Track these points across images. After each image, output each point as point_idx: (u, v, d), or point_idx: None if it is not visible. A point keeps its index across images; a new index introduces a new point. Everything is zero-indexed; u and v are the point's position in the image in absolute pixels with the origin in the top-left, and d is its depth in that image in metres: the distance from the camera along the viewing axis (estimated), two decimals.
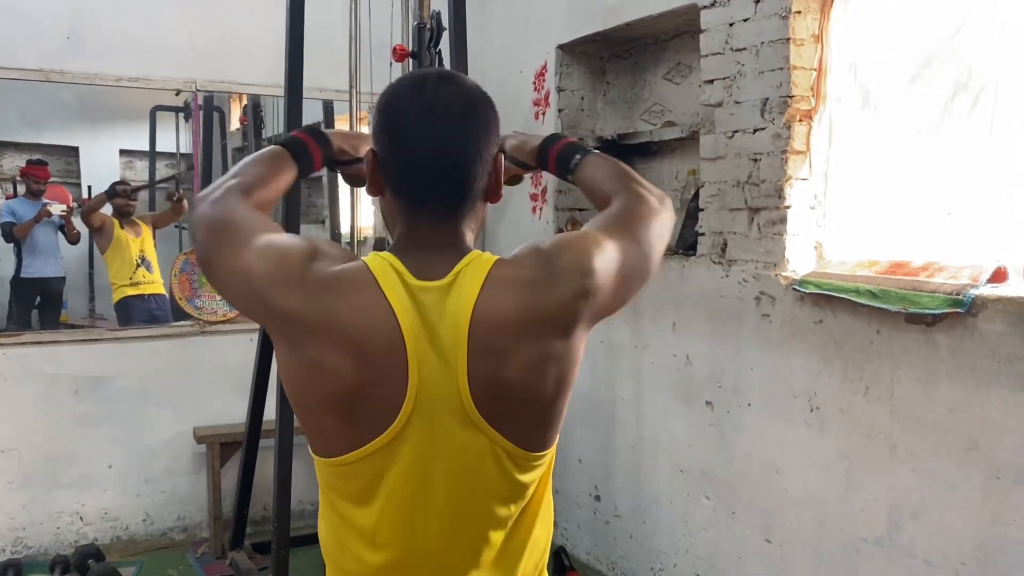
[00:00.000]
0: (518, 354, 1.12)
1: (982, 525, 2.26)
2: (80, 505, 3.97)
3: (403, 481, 1.15)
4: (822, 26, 2.79)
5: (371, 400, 1.11)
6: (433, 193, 1.18)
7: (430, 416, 1.12)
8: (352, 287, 1.12)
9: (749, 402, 2.99)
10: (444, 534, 1.18)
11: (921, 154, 2.55)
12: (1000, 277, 2.28)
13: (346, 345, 1.09)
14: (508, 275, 1.15)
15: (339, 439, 1.15)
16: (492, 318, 1.11)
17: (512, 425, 1.15)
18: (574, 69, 3.98)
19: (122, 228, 4.47)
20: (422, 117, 1.16)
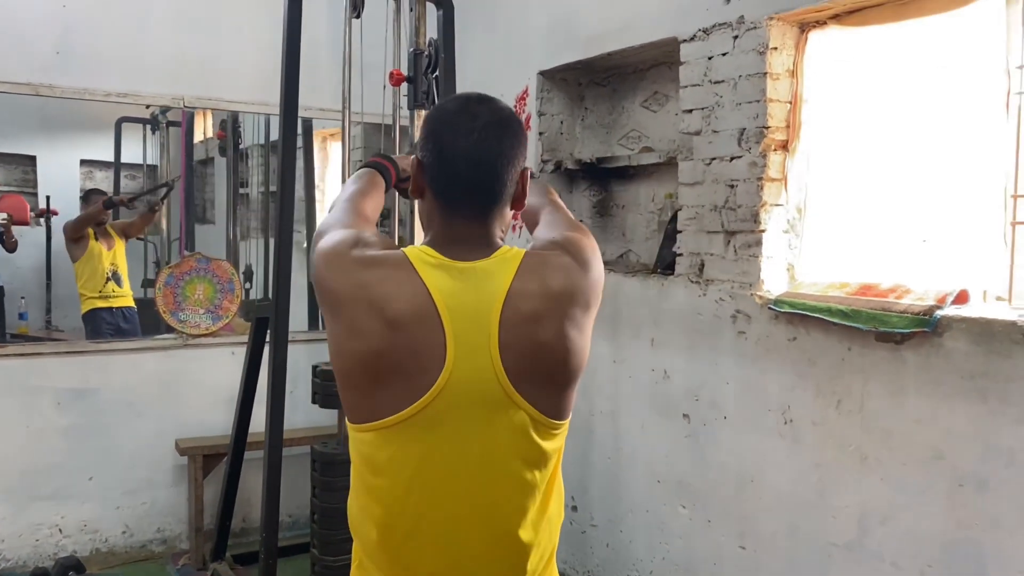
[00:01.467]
0: (550, 321, 1.31)
1: (946, 529, 2.44)
2: (59, 517, 3.98)
3: (438, 446, 1.30)
4: (796, 62, 2.98)
5: (407, 366, 1.27)
6: (469, 194, 1.37)
7: (466, 385, 1.28)
8: (384, 264, 1.31)
9: (725, 415, 3.15)
10: (476, 497, 1.32)
11: (889, 183, 2.74)
12: (963, 299, 2.47)
13: (375, 310, 1.27)
14: (540, 259, 1.37)
15: (379, 403, 1.29)
16: (527, 291, 1.31)
17: (538, 393, 1.32)
18: (554, 94, 4.13)
19: (97, 239, 4.48)
20: (463, 129, 1.35)
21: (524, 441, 1.32)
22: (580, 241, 1.44)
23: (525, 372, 1.30)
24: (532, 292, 1.31)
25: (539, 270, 1.34)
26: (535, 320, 1.30)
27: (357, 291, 1.28)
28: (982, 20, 2.46)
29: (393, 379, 1.27)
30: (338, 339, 1.31)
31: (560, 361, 1.33)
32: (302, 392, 4.28)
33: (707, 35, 3.16)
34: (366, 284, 1.29)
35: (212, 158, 5.32)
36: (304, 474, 3.85)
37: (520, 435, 1.32)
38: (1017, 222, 2.43)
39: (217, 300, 4.28)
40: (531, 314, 1.30)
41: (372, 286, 1.28)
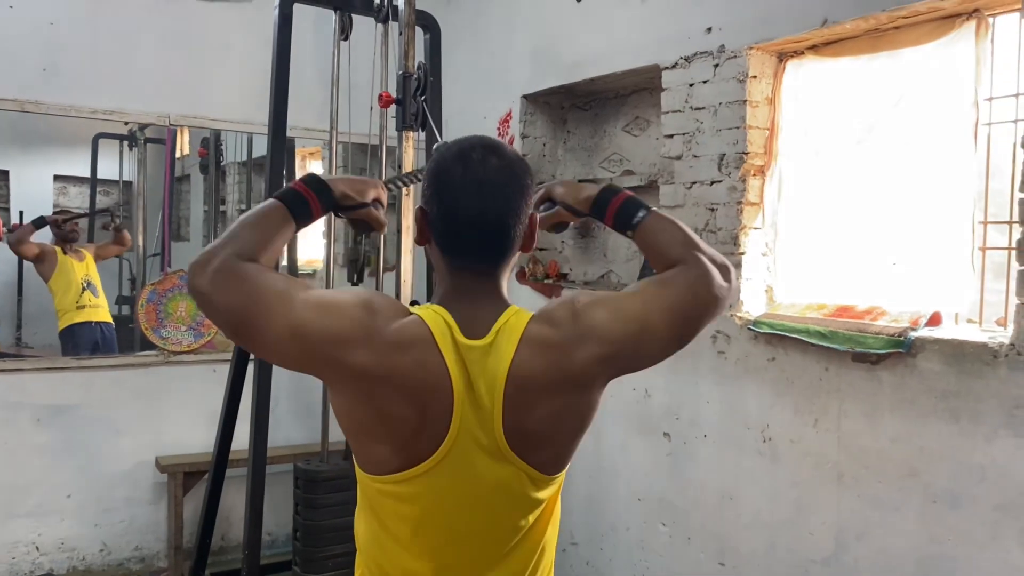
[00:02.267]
0: (542, 407, 1.30)
1: (920, 545, 2.51)
2: (37, 535, 3.95)
3: (440, 500, 1.32)
4: (775, 90, 3.08)
5: (421, 437, 1.28)
6: (477, 253, 1.35)
7: (467, 449, 1.30)
8: (413, 344, 1.25)
9: (705, 433, 3.21)
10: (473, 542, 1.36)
11: (863, 208, 2.83)
12: (936, 321, 2.55)
13: (411, 398, 1.25)
14: (539, 336, 1.30)
15: (389, 462, 1.31)
16: (523, 376, 1.28)
17: (536, 458, 1.33)
18: (537, 117, 4.21)
19: (65, 254, 4.47)
20: (467, 188, 1.31)
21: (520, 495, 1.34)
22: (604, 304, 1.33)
23: (523, 442, 1.31)
24: (528, 374, 1.28)
25: (537, 349, 1.29)
26: (526, 407, 1.29)
27: (393, 377, 1.24)
28: (953, 54, 2.56)
29: (408, 448, 1.29)
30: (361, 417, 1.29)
31: (551, 441, 1.34)
32: (284, 410, 4.30)
33: (688, 63, 3.25)
34: (402, 371, 1.24)
35: (188, 175, 5.33)
36: (285, 492, 3.86)
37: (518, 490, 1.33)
38: (986, 247, 2.52)
39: (199, 317, 4.29)
40: (522, 402, 1.29)
41: (409, 373, 1.25)
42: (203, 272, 1.22)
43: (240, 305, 1.22)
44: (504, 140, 4.51)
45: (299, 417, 4.41)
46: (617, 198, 1.49)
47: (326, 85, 3.61)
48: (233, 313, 1.23)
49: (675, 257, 1.40)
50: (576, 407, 1.33)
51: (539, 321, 1.33)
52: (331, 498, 3.41)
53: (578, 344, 1.29)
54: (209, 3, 4.24)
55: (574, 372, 1.30)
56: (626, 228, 1.48)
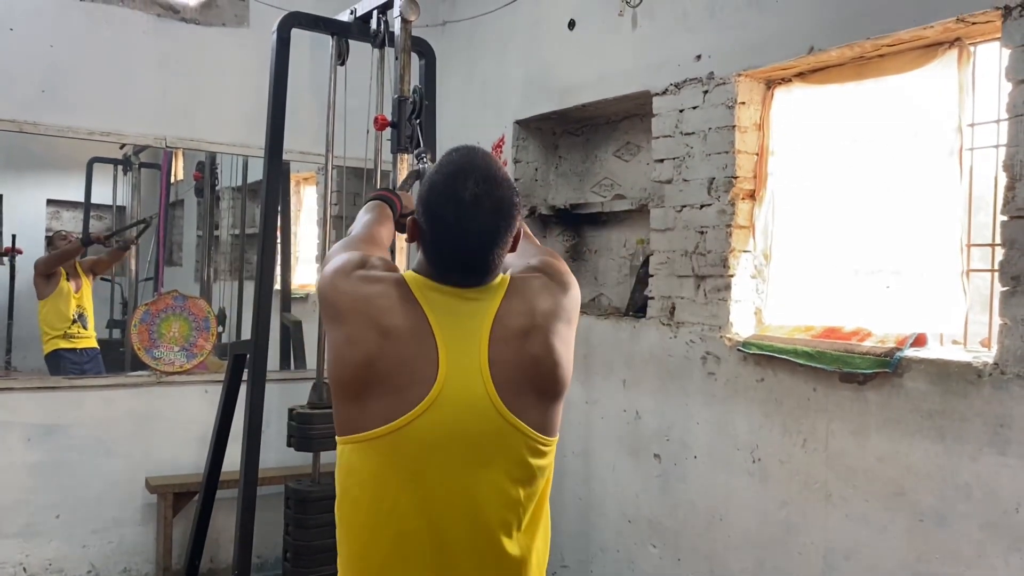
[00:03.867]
0: (538, 334, 1.40)
1: (908, 563, 2.53)
2: (24, 556, 3.92)
3: (425, 460, 1.35)
4: (763, 116, 3.14)
5: (399, 377, 1.34)
6: (462, 272, 1.44)
7: (456, 400, 1.35)
8: (383, 281, 1.42)
9: (695, 454, 3.23)
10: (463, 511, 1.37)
11: (851, 231, 2.88)
12: (921, 342, 2.60)
13: (372, 322, 1.36)
14: (524, 283, 1.47)
15: (369, 415, 1.35)
16: (514, 310, 1.41)
17: (527, 407, 1.39)
18: (529, 142, 4.27)
19: (67, 279, 4.48)
20: (457, 226, 1.40)
21: (512, 457, 1.38)
22: (555, 264, 1.55)
23: (514, 386, 1.37)
24: (519, 311, 1.41)
25: (524, 291, 1.44)
26: (524, 335, 1.39)
27: (357, 303, 1.38)
28: (936, 81, 2.63)
29: (383, 390, 1.34)
30: (337, 348, 1.38)
31: (549, 372, 1.40)
32: (274, 432, 4.29)
33: (678, 89, 3.31)
34: (366, 297, 1.38)
35: (182, 200, 5.36)
36: (275, 514, 3.85)
37: (508, 450, 1.37)
38: (971, 270, 2.57)
39: (192, 338, 4.30)
40: (519, 330, 1.39)
41: (371, 299, 1.38)
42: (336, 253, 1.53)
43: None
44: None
45: None
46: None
47: (322, 110, 3.66)
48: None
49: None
50: (563, 339, 1.44)
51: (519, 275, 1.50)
52: (322, 518, 3.40)
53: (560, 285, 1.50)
54: (207, 27, 4.30)
55: (563, 303, 1.47)
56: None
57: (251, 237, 4.93)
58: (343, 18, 3.48)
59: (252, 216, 5.05)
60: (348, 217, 5.16)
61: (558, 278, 1.51)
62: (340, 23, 3.47)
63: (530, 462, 1.39)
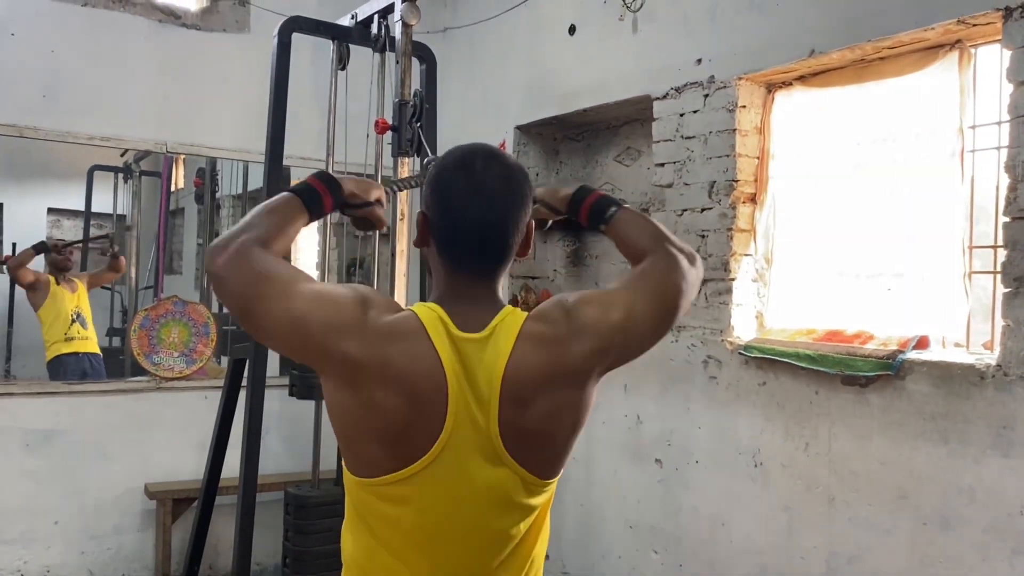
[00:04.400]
0: (541, 403, 1.31)
1: (911, 568, 2.51)
2: (22, 562, 3.90)
3: (433, 503, 1.32)
4: (764, 119, 3.14)
5: (414, 433, 1.28)
6: (475, 257, 1.37)
7: (462, 450, 1.30)
8: (405, 336, 1.28)
9: (697, 459, 3.22)
10: (465, 548, 1.35)
11: (853, 235, 2.87)
12: (924, 345, 2.59)
13: (400, 387, 1.26)
14: (536, 332, 1.32)
15: (381, 464, 1.31)
16: (521, 372, 1.29)
17: (532, 459, 1.34)
18: (530, 148, 4.27)
19: (58, 284, 4.48)
20: (469, 195, 1.34)
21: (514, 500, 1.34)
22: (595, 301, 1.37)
23: (520, 442, 1.32)
24: (524, 374, 1.30)
25: (533, 346, 1.32)
26: (526, 404, 1.30)
27: (382, 367, 1.26)
28: (937, 83, 2.63)
29: (397, 446, 1.30)
30: (351, 408, 1.30)
31: (549, 440, 1.35)
32: (274, 438, 4.29)
33: (679, 93, 3.31)
34: (390, 358, 1.26)
35: (183, 208, 5.36)
36: (275, 521, 3.83)
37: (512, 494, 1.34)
38: (973, 272, 2.56)
39: (192, 344, 4.29)
40: (522, 398, 1.30)
41: (397, 363, 1.26)
42: (220, 255, 1.28)
43: (248, 289, 1.27)
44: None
45: (290, 445, 4.39)
46: (591, 196, 1.56)
47: (323, 115, 3.66)
48: (241, 296, 1.28)
49: (644, 248, 1.46)
50: (573, 402, 1.34)
51: (535, 319, 1.35)
52: (322, 524, 3.38)
53: (574, 338, 1.32)
54: (208, 33, 4.31)
55: (572, 366, 1.32)
56: (599, 223, 1.54)
57: None
58: (344, 23, 3.48)
59: None
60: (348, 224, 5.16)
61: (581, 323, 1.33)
62: (341, 27, 3.47)
63: (530, 503, 1.37)
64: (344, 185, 1.47)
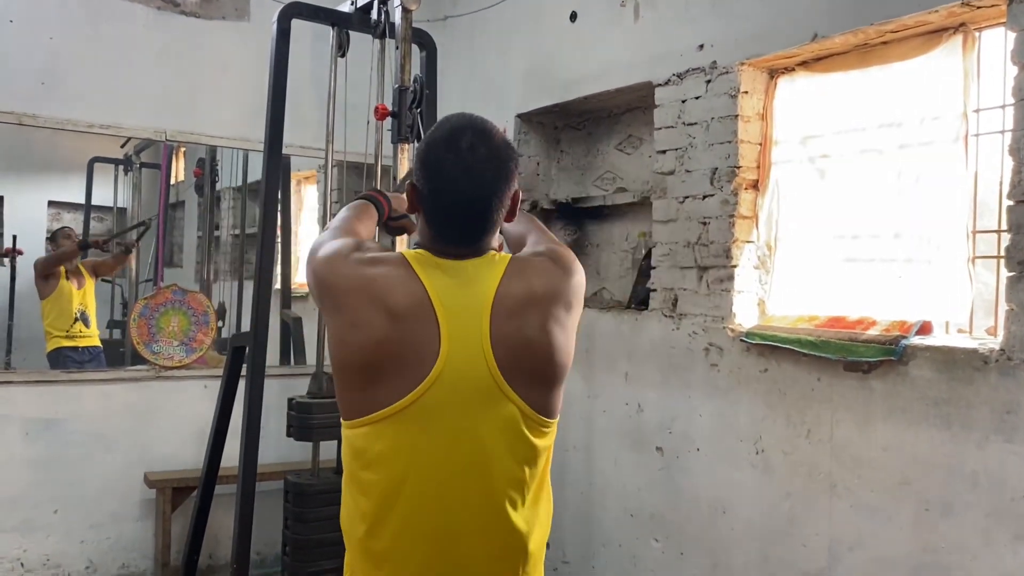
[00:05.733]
0: (534, 317, 1.38)
1: (913, 554, 2.50)
2: (22, 551, 3.89)
3: (430, 437, 1.34)
4: (766, 105, 3.12)
5: (404, 357, 1.33)
6: (462, 229, 1.44)
7: (458, 377, 1.34)
8: (383, 262, 1.40)
9: (698, 447, 3.20)
10: (468, 487, 1.36)
11: (856, 221, 2.85)
12: (927, 330, 2.57)
13: (377, 302, 1.35)
14: (524, 262, 1.46)
15: (375, 396, 1.34)
16: (513, 290, 1.39)
17: (527, 388, 1.37)
18: (531, 136, 4.25)
19: (68, 278, 4.46)
20: (456, 174, 1.40)
21: (514, 434, 1.37)
22: (561, 251, 1.52)
23: (514, 366, 1.35)
24: (518, 291, 1.38)
25: (524, 272, 1.42)
26: (521, 317, 1.37)
27: (359, 285, 1.36)
28: (941, 67, 2.61)
29: (390, 370, 1.32)
30: (340, 332, 1.36)
31: (546, 356, 1.39)
32: (273, 427, 4.26)
33: (681, 80, 3.29)
34: (368, 279, 1.36)
35: (183, 202, 5.34)
36: (274, 511, 3.82)
37: (510, 428, 1.36)
38: (975, 256, 2.55)
39: (191, 332, 4.28)
40: (518, 311, 1.37)
41: (374, 280, 1.36)
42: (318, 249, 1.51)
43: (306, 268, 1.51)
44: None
45: None
46: None
47: (322, 105, 3.64)
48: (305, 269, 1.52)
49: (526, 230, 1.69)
50: (561, 323, 1.41)
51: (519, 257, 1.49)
52: (321, 512, 3.37)
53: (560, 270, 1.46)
54: (207, 21, 4.29)
55: (560, 288, 1.44)
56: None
57: (251, 237, 4.90)
58: (344, 9, 3.46)
59: (252, 216, 5.03)
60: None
61: (561, 262, 1.48)
62: (340, 13, 3.45)
63: (532, 441, 1.39)
64: (392, 200, 1.79)
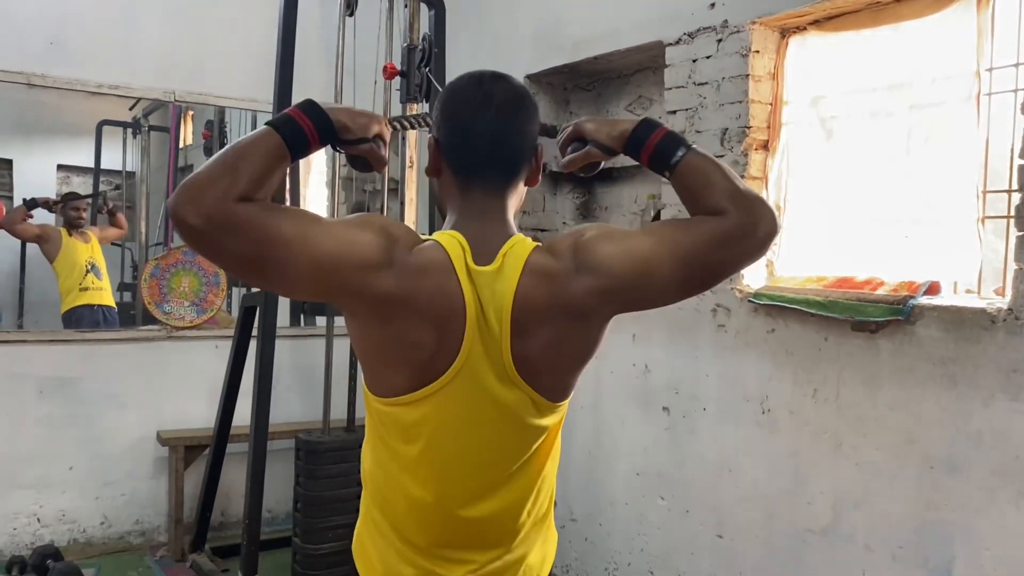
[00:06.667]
0: (542, 334, 1.32)
1: (917, 511, 2.53)
2: (38, 506, 3.97)
3: (447, 421, 1.35)
4: (777, 64, 3.10)
5: (436, 359, 1.31)
6: (487, 168, 1.38)
7: (476, 371, 1.33)
8: (436, 270, 1.27)
9: (704, 407, 3.23)
10: (477, 466, 1.39)
11: (866, 181, 2.85)
12: (935, 291, 2.57)
13: (430, 319, 1.27)
14: (539, 265, 1.31)
15: (402, 384, 1.33)
16: (525, 304, 1.30)
17: (540, 384, 1.36)
18: (540, 98, 4.23)
19: (71, 235, 4.49)
20: (479, 106, 1.36)
21: (525, 419, 1.37)
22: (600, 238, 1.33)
23: (528, 367, 1.34)
24: (527, 303, 1.31)
25: (536, 280, 1.31)
26: (528, 333, 1.32)
27: (415, 302, 1.26)
28: (955, 25, 2.59)
29: (422, 368, 1.32)
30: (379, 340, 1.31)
31: (552, 368, 1.36)
32: (285, 387, 4.32)
33: (692, 39, 3.27)
34: (424, 294, 1.27)
35: (192, 165, 5.35)
36: (285, 470, 3.88)
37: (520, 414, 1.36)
38: (985, 216, 2.54)
39: (202, 293, 4.31)
40: (524, 328, 1.32)
41: (430, 297, 1.27)
42: (195, 210, 1.14)
43: (252, 252, 1.18)
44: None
45: (301, 395, 4.43)
46: (655, 134, 1.37)
47: (331, 65, 3.64)
48: (244, 259, 1.20)
49: (713, 206, 1.30)
50: (574, 338, 1.35)
51: (541, 251, 1.35)
52: (332, 469, 3.43)
53: (575, 275, 1.31)
54: None
55: (571, 303, 1.31)
56: (663, 169, 1.36)
57: None
58: None
59: None
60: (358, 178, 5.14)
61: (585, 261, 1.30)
62: None
63: (541, 423, 1.39)
64: (335, 117, 1.29)
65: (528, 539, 1.47)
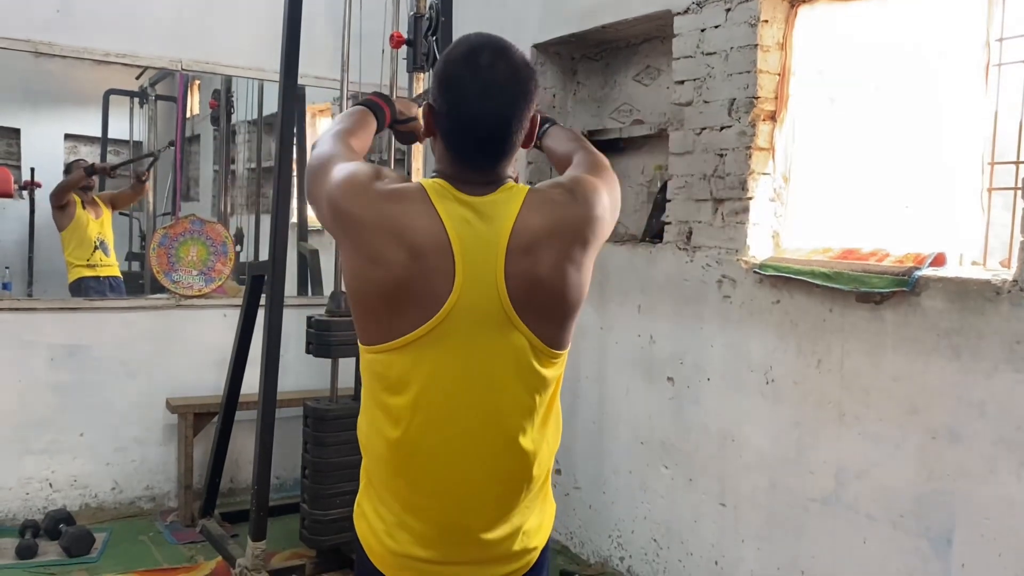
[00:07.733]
0: (548, 255, 1.38)
1: (919, 481, 2.55)
2: (50, 472, 4.02)
3: (445, 363, 1.37)
4: (786, 34, 3.08)
5: (421, 292, 1.35)
6: (482, 149, 1.42)
7: (472, 309, 1.36)
8: (406, 197, 1.37)
9: (708, 377, 3.25)
10: (480, 410, 1.40)
11: (873, 152, 2.84)
12: (940, 262, 2.58)
13: (400, 241, 1.34)
14: (542, 196, 1.42)
15: (392, 326, 1.37)
16: (529, 226, 1.37)
17: (538, 322, 1.39)
18: (548, 68, 4.21)
19: (84, 208, 4.50)
20: (474, 90, 1.38)
21: (524, 364, 1.39)
22: (586, 181, 1.47)
23: (526, 301, 1.37)
24: (532, 228, 1.37)
25: (540, 207, 1.39)
26: (534, 254, 1.36)
27: (382, 222, 1.34)
28: None
29: (406, 304, 1.35)
30: (358, 266, 1.37)
31: (558, 295, 1.39)
32: (292, 356, 4.35)
33: (700, 8, 3.25)
34: (390, 216, 1.34)
35: (199, 135, 5.34)
36: (292, 436, 3.93)
37: (520, 358, 1.39)
38: (992, 188, 2.54)
39: (210, 262, 4.33)
40: (531, 248, 1.36)
41: (396, 218, 1.34)
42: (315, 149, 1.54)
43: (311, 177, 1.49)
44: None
45: (309, 363, 4.43)
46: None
47: (338, 34, 3.63)
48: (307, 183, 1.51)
49: (570, 150, 1.69)
50: (575, 261, 1.40)
51: (539, 188, 1.45)
52: (339, 436, 3.47)
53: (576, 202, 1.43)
54: None
55: (574, 223, 1.41)
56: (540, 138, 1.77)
57: (267, 171, 4.92)
58: None
59: (268, 150, 5.04)
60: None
61: (580, 194, 1.43)
62: None
63: (541, 371, 1.42)
64: (395, 104, 1.76)
65: (527, 507, 1.49)
